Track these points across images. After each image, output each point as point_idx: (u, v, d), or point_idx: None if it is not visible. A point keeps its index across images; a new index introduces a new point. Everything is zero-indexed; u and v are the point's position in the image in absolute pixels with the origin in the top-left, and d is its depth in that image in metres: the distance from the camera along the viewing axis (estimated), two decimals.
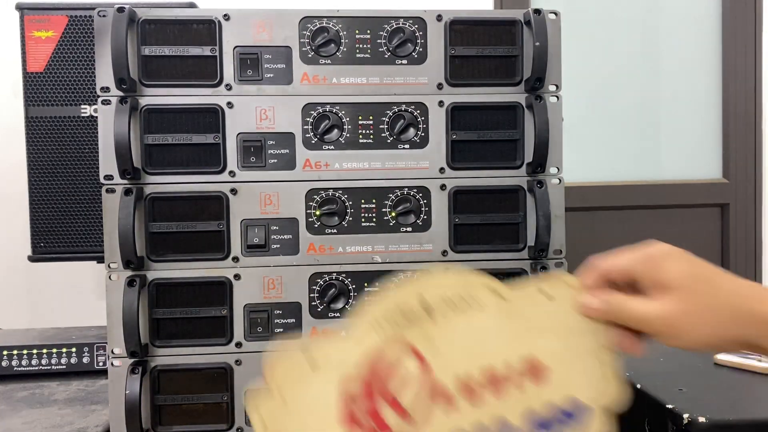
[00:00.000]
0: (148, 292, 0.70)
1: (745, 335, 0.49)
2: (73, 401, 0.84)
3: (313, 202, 0.72)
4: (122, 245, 0.67)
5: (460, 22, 0.73)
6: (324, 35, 0.72)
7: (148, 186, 0.70)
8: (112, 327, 0.69)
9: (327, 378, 0.52)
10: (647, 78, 1.69)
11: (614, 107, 1.69)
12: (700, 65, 1.71)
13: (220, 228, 0.71)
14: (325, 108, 0.72)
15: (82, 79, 0.92)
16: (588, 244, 1.62)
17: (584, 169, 1.68)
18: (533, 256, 0.73)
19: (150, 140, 0.70)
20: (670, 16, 1.70)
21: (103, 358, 0.94)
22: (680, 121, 1.71)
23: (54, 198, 0.92)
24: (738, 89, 1.69)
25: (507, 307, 0.54)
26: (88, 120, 0.92)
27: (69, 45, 0.91)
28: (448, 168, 0.73)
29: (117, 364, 0.70)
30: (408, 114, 0.73)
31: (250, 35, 0.71)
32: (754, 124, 1.71)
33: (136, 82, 0.70)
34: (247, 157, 0.71)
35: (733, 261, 1.70)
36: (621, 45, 1.68)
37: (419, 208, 0.73)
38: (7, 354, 0.92)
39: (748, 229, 1.71)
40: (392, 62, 0.73)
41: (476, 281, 0.54)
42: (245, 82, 0.71)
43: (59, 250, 0.93)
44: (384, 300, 0.53)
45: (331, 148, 0.72)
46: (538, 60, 0.71)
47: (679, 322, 0.50)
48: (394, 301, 0.53)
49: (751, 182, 1.71)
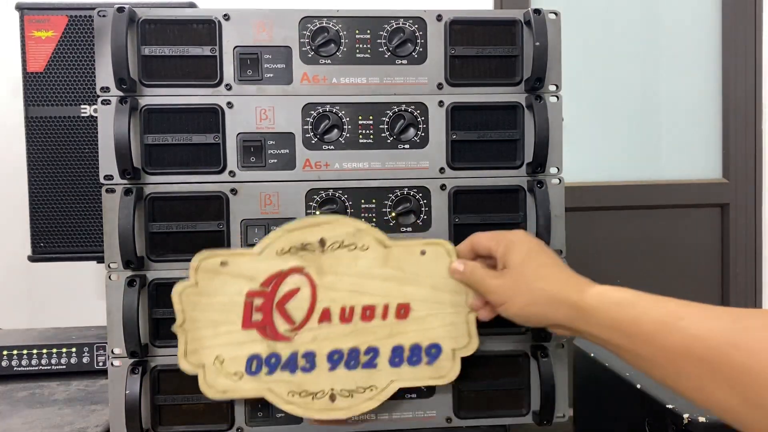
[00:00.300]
0: (148, 292, 0.70)
1: (560, 317, 0.58)
2: (73, 401, 0.84)
3: (313, 202, 0.72)
4: (122, 245, 0.67)
5: (460, 22, 0.73)
6: (324, 35, 0.72)
7: (148, 186, 0.70)
8: (112, 327, 0.69)
9: (237, 285, 0.66)
10: (647, 78, 1.69)
11: (614, 107, 1.69)
12: (700, 65, 1.71)
13: (220, 228, 0.71)
14: (325, 108, 0.72)
15: (82, 79, 0.92)
16: (588, 244, 1.62)
17: (584, 169, 1.68)
18: None
19: (150, 140, 0.70)
20: (670, 16, 1.70)
21: (103, 358, 0.94)
22: (680, 121, 1.71)
23: (54, 198, 0.92)
24: (738, 89, 1.69)
25: (386, 253, 0.67)
26: (88, 120, 0.92)
27: (69, 45, 0.91)
28: (448, 168, 0.73)
29: (117, 364, 0.70)
30: (408, 114, 0.73)
31: (250, 35, 0.71)
32: (754, 124, 1.70)
33: (136, 82, 0.70)
34: (247, 157, 0.71)
35: (733, 261, 1.70)
36: (621, 45, 1.68)
37: (419, 208, 0.73)
38: (7, 354, 0.92)
39: (748, 229, 1.71)
40: (392, 62, 0.73)
41: (365, 229, 0.67)
42: (245, 82, 0.71)
43: (59, 250, 0.93)
44: (290, 233, 0.66)
45: (331, 148, 0.72)
46: (538, 60, 0.71)
47: (505, 296, 0.61)
48: (298, 237, 0.66)
49: (751, 182, 1.71)
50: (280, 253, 0.66)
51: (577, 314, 0.56)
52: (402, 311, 0.67)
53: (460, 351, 0.68)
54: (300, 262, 0.66)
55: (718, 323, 0.46)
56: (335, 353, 0.67)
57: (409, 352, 0.68)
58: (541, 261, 0.61)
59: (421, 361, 0.68)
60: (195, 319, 0.66)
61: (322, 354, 0.67)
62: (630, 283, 0.57)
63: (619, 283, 0.58)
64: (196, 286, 0.66)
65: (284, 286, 0.66)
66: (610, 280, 0.58)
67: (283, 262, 0.66)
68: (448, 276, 0.68)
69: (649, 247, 1.66)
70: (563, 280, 0.59)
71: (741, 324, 0.45)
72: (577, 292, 0.57)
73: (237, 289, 0.66)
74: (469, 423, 0.73)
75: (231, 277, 0.66)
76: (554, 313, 0.58)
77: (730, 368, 0.44)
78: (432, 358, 0.68)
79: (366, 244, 0.67)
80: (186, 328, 0.66)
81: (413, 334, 0.68)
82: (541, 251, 0.62)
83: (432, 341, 0.68)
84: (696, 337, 0.47)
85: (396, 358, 0.67)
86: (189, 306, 0.66)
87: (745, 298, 1.71)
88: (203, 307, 0.66)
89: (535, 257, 0.61)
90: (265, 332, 0.66)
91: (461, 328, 0.68)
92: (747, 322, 0.45)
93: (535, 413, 0.73)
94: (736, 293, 1.70)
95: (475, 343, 0.68)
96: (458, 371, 0.68)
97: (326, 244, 0.67)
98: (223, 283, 0.66)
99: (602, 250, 1.62)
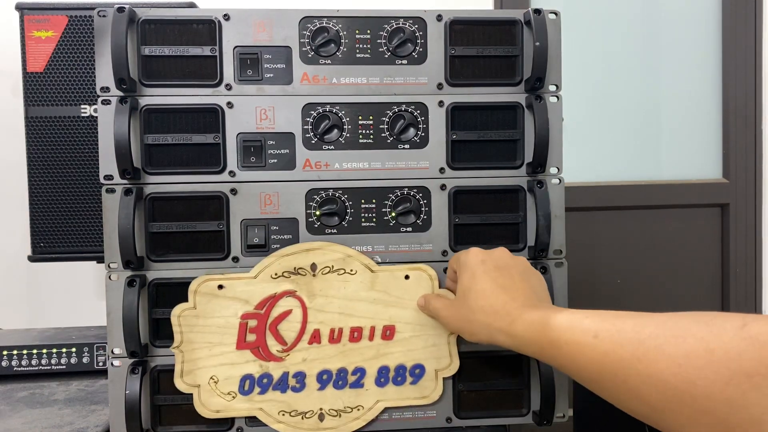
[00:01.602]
0: (148, 292, 0.70)
1: (502, 344, 0.59)
2: (73, 401, 0.84)
3: (313, 202, 0.72)
4: (122, 245, 0.67)
5: (460, 22, 0.73)
6: (324, 35, 0.72)
7: (148, 186, 0.70)
8: (112, 327, 0.69)
9: (232, 308, 0.69)
10: (647, 78, 1.69)
11: (614, 107, 1.69)
12: (700, 65, 1.71)
13: (220, 228, 0.71)
14: (325, 108, 0.72)
15: (82, 79, 0.92)
16: (588, 244, 1.63)
17: (584, 169, 1.68)
18: (533, 257, 0.73)
19: (150, 140, 0.70)
20: (670, 16, 1.70)
21: (103, 358, 0.94)
22: (680, 121, 1.71)
23: (54, 198, 0.92)
24: (738, 89, 1.69)
25: (373, 277, 0.70)
26: (88, 120, 0.92)
27: (69, 45, 0.91)
28: (448, 168, 0.73)
29: (117, 364, 0.70)
30: (408, 114, 0.73)
31: (250, 35, 0.71)
32: (754, 124, 1.71)
33: (136, 82, 0.70)
34: (247, 157, 0.71)
35: (733, 261, 1.70)
36: (621, 45, 1.68)
37: (419, 208, 0.73)
38: (7, 354, 0.92)
39: (748, 229, 1.71)
40: (392, 62, 0.73)
41: (354, 255, 0.71)
42: (245, 82, 0.71)
43: (59, 250, 0.93)
44: (284, 258, 0.70)
45: (331, 148, 0.72)
46: (538, 60, 0.71)
47: (455, 325, 0.65)
48: (291, 261, 0.70)
49: (751, 182, 1.71)
50: (274, 277, 0.69)
51: (512, 341, 0.58)
52: (387, 332, 0.70)
53: (442, 371, 0.71)
54: (292, 285, 0.70)
55: (625, 336, 0.48)
56: (324, 373, 0.70)
57: (395, 372, 0.70)
58: (480, 287, 0.61)
59: (405, 381, 0.71)
60: (191, 341, 0.68)
61: (311, 374, 0.70)
62: (630, 283, 0.57)
63: (619, 282, 0.58)
64: (194, 308, 0.69)
65: (277, 308, 0.69)
66: (611, 280, 0.58)
67: (276, 286, 0.69)
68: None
69: (649, 247, 1.66)
70: (497, 309, 0.59)
71: (644, 333, 0.46)
72: (508, 323, 0.58)
73: (232, 312, 0.69)
74: (469, 423, 0.73)
75: (227, 300, 0.69)
76: (495, 340, 0.60)
77: (635, 380, 0.46)
78: (416, 378, 0.71)
79: (354, 268, 0.70)
80: (183, 349, 0.68)
81: (398, 354, 0.71)
82: (484, 274, 0.62)
83: (416, 362, 0.71)
84: (607, 353, 0.48)
85: (382, 378, 0.70)
86: (186, 328, 0.68)
87: (745, 298, 1.71)
88: (200, 328, 0.69)
89: (476, 283, 0.62)
90: (258, 353, 0.69)
91: (443, 349, 0.71)
92: (648, 330, 0.46)
93: (535, 413, 0.74)
94: (736, 293, 1.70)
95: (456, 363, 0.71)
96: (441, 392, 0.71)
97: (317, 268, 0.70)
98: (219, 305, 0.69)
99: (602, 250, 1.62)
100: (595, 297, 1.57)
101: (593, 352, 0.49)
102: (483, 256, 0.64)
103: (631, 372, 0.46)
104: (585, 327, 0.51)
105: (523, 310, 0.58)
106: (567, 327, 0.53)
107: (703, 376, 0.41)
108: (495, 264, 0.63)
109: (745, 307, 1.70)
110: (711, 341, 0.42)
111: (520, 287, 0.62)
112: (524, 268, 0.65)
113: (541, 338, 0.55)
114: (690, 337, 0.43)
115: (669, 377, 0.43)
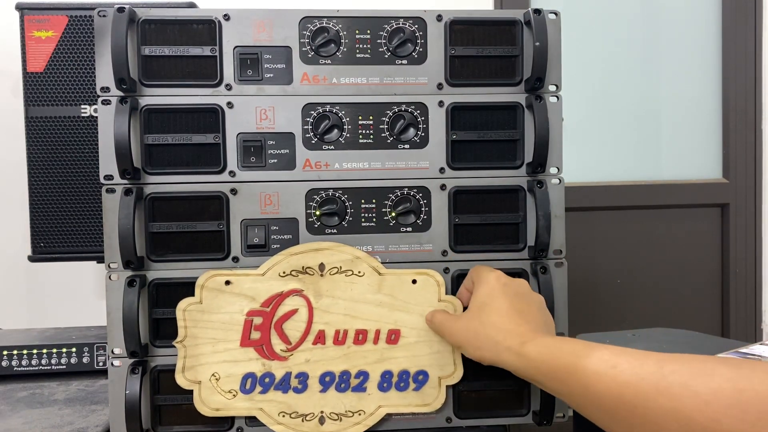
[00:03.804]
0: (148, 292, 0.70)
1: (507, 363, 0.59)
2: (73, 401, 0.84)
3: (313, 202, 0.72)
4: (122, 245, 0.67)
5: (460, 22, 0.73)
6: (324, 35, 0.72)
7: (148, 186, 0.70)
8: (112, 327, 0.69)
9: (238, 304, 0.68)
10: (647, 78, 1.69)
11: (614, 107, 1.69)
12: (700, 65, 1.71)
13: (220, 228, 0.71)
14: (325, 108, 0.72)
15: (82, 79, 0.92)
16: (588, 244, 1.63)
17: (584, 169, 1.68)
18: (533, 256, 0.73)
19: (150, 140, 0.70)
20: (670, 16, 1.70)
21: (103, 358, 0.94)
22: (680, 121, 1.71)
23: (54, 198, 0.92)
24: (738, 89, 1.69)
25: (380, 280, 0.70)
26: (88, 120, 0.92)
27: (69, 45, 0.91)
28: (448, 168, 0.73)
29: (117, 364, 0.70)
30: (408, 114, 0.73)
31: (250, 35, 0.71)
32: (754, 124, 1.71)
33: (136, 82, 0.70)
34: (247, 157, 0.71)
35: (733, 261, 1.70)
36: (621, 45, 1.68)
37: (419, 208, 0.73)
38: (7, 354, 0.92)
39: (748, 229, 1.71)
40: (392, 62, 0.73)
41: (362, 257, 0.70)
42: (245, 82, 0.71)
43: (59, 250, 0.93)
44: (293, 257, 0.69)
45: (331, 148, 0.72)
46: (538, 60, 0.71)
47: (461, 339, 0.64)
48: (300, 260, 0.69)
49: (751, 182, 1.71)
50: (282, 275, 0.69)
51: (520, 362, 0.58)
52: (392, 336, 0.70)
53: (446, 379, 0.70)
54: (300, 284, 0.69)
55: (647, 370, 0.48)
56: (327, 375, 0.69)
57: (398, 377, 0.70)
58: (496, 306, 0.62)
59: (408, 387, 0.70)
60: (195, 336, 0.68)
61: (314, 375, 0.69)
62: (630, 283, 0.57)
63: (619, 282, 0.59)
64: (200, 303, 0.68)
65: (283, 306, 0.69)
66: (611, 280, 0.58)
67: (284, 284, 0.69)
68: (436, 305, 0.70)
69: (649, 247, 1.66)
70: (510, 329, 0.60)
71: (666, 369, 0.46)
72: (519, 344, 0.58)
73: (238, 308, 0.69)
74: (469, 423, 0.73)
75: (233, 296, 0.69)
76: (501, 358, 0.60)
77: (656, 414, 0.45)
78: (419, 384, 0.70)
79: (362, 270, 0.70)
80: (186, 344, 0.68)
81: (402, 359, 0.70)
82: (503, 294, 0.63)
83: (420, 368, 0.70)
84: (627, 384, 0.48)
85: (385, 383, 0.69)
86: (191, 322, 0.68)
87: (745, 298, 1.71)
88: (204, 323, 0.68)
89: (494, 299, 0.62)
90: (261, 351, 0.69)
91: (447, 357, 0.70)
92: (671, 367, 0.46)
93: (535, 413, 0.74)
94: (736, 293, 1.70)
95: (460, 372, 0.70)
96: (443, 400, 0.70)
97: (325, 268, 0.69)
98: (225, 301, 0.69)
99: (602, 250, 1.62)
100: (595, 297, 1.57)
101: (613, 382, 0.49)
102: (506, 280, 0.65)
103: (651, 405, 0.46)
104: (604, 357, 0.51)
105: (536, 334, 0.59)
106: (585, 354, 0.52)
107: (730, 414, 0.41)
108: (515, 290, 0.64)
109: (745, 307, 1.70)
110: (740, 381, 0.42)
111: (537, 317, 0.63)
112: (542, 305, 0.66)
113: (555, 362, 0.54)
114: (718, 376, 0.43)
115: (695, 414, 0.43)
